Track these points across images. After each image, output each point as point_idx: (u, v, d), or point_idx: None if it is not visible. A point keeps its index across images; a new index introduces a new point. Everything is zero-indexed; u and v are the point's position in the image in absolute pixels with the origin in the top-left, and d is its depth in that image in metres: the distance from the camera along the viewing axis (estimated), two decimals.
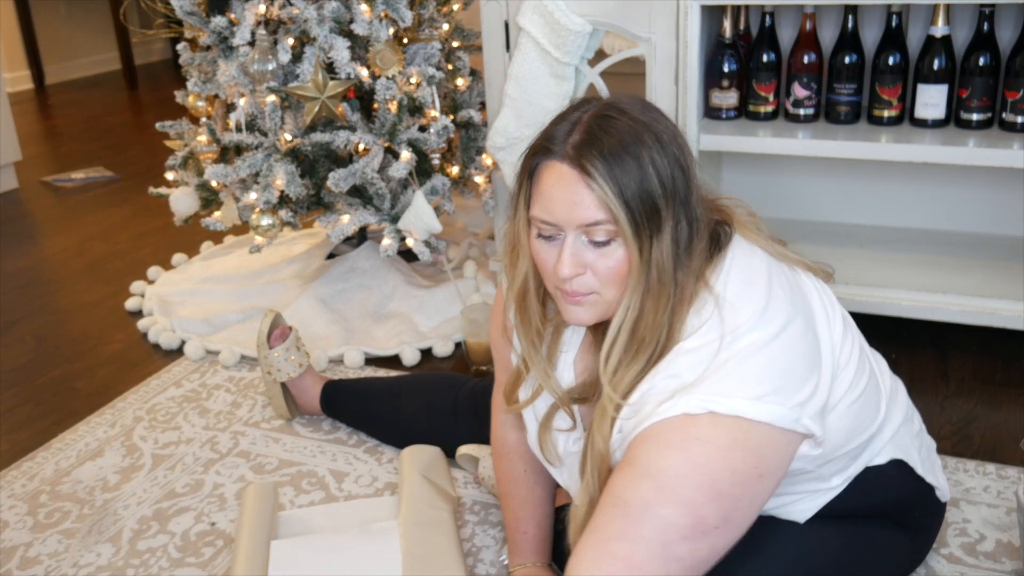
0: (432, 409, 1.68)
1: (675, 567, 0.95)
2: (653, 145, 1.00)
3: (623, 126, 1.00)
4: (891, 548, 1.24)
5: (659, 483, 0.95)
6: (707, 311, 1.02)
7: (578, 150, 1.00)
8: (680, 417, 0.96)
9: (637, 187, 0.99)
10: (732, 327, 1.00)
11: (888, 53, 1.95)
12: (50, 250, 2.93)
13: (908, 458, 1.23)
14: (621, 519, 0.95)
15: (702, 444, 0.95)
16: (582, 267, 1.03)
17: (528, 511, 1.34)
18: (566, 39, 1.95)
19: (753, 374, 0.98)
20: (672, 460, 0.95)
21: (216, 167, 2.11)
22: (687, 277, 1.03)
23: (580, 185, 0.99)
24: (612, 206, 0.98)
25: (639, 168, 0.99)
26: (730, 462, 0.96)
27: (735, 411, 0.96)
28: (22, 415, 1.96)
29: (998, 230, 2.18)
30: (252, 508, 1.49)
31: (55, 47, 5.70)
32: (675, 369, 1.00)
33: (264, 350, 1.79)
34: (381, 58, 2.05)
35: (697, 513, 0.94)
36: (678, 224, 1.02)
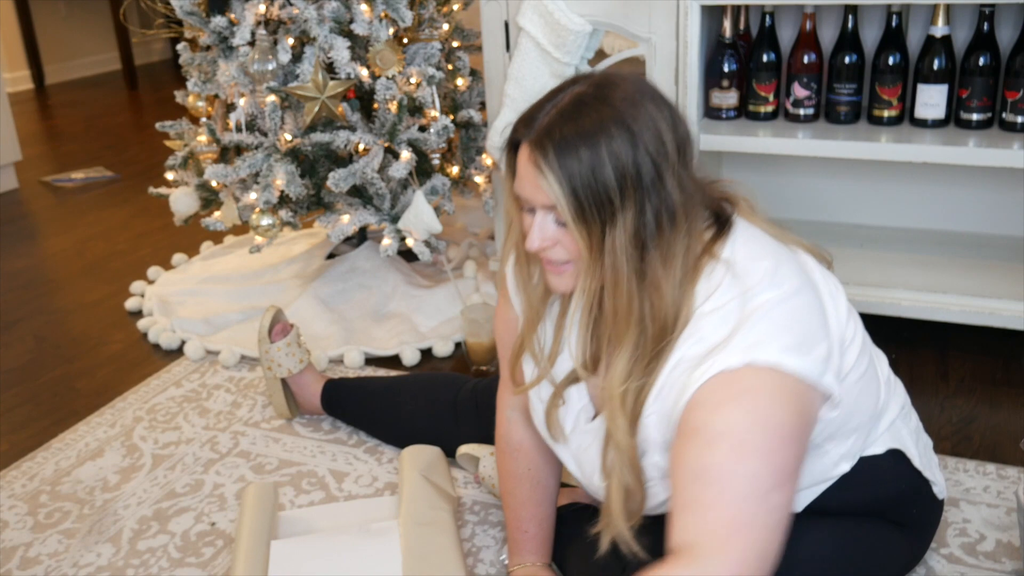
0: (433, 407, 1.68)
1: (776, 516, 0.97)
2: (619, 135, 1.00)
3: (592, 114, 1.01)
4: (888, 547, 1.24)
5: (731, 442, 0.96)
6: (717, 276, 1.05)
7: (540, 137, 1.02)
8: (721, 375, 0.98)
9: (586, 178, 1.00)
10: (747, 286, 1.03)
11: (888, 53, 1.95)
12: (50, 250, 2.93)
13: (906, 450, 1.24)
14: (709, 488, 0.96)
15: (753, 394, 0.97)
16: (550, 241, 1.06)
17: (530, 510, 1.34)
18: (566, 39, 1.95)
19: (777, 328, 1.01)
20: (733, 416, 0.97)
21: (216, 167, 2.11)
22: (657, 263, 1.03)
23: (534, 171, 1.03)
24: (555, 196, 1.01)
25: (593, 159, 1.00)
26: (784, 406, 0.98)
27: (770, 361, 0.98)
28: (22, 415, 1.96)
29: (998, 230, 2.18)
30: (252, 508, 1.49)
31: (55, 47, 5.70)
32: (700, 334, 1.02)
33: (265, 344, 1.79)
34: (381, 58, 2.05)
35: (775, 460, 0.97)
36: (641, 213, 1.01)
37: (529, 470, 1.33)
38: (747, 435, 0.96)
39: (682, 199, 1.04)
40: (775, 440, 0.97)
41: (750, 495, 0.95)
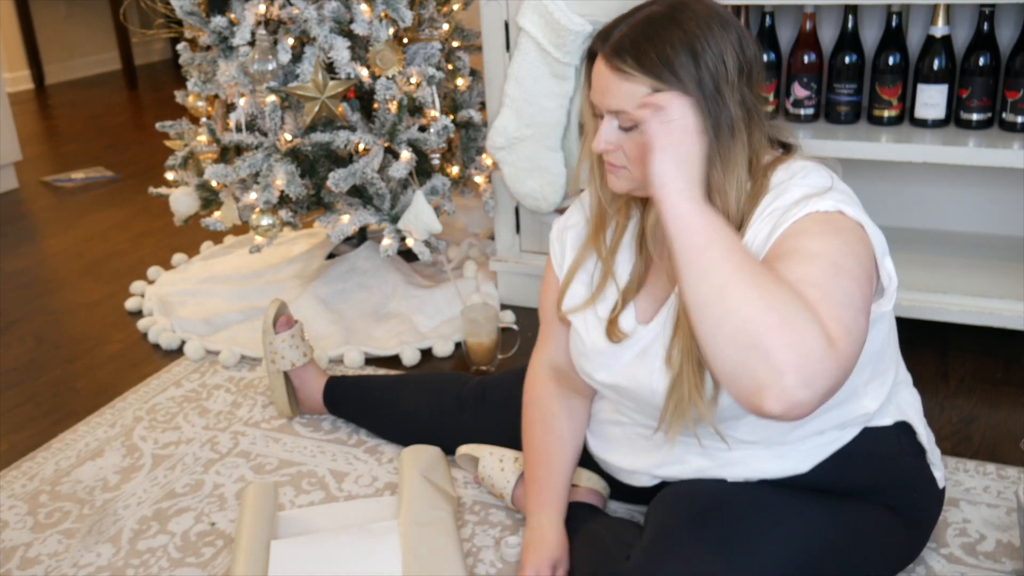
0: (436, 401, 1.68)
1: (863, 322, 1.00)
2: (684, 55, 1.10)
3: (662, 32, 1.12)
4: (887, 534, 1.25)
5: (829, 261, 1.02)
6: (796, 166, 1.17)
7: (615, 47, 1.13)
8: (815, 214, 1.07)
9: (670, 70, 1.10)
10: (828, 174, 1.17)
11: (888, 53, 1.96)
12: (50, 250, 2.93)
13: (913, 423, 1.28)
14: (812, 290, 0.96)
15: (846, 232, 1.06)
16: (612, 145, 1.16)
17: (542, 456, 1.40)
18: (566, 39, 1.95)
19: (858, 205, 1.13)
20: (831, 243, 1.05)
21: (216, 167, 2.11)
22: (718, 169, 1.12)
23: (610, 77, 1.13)
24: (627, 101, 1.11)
25: (667, 68, 1.10)
26: (865, 251, 1.08)
27: (858, 218, 1.09)
28: (22, 415, 1.96)
29: (998, 230, 2.18)
30: (252, 508, 1.49)
31: (55, 47, 5.70)
32: (789, 193, 1.12)
33: (269, 335, 1.79)
34: (381, 58, 2.05)
35: (863, 287, 1.04)
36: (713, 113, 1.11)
37: (544, 418, 1.41)
38: (842, 259, 1.03)
39: (742, 114, 1.13)
40: (862, 271, 1.05)
41: (849, 306, 0.98)
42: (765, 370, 0.90)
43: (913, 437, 1.29)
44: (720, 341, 0.93)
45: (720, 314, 0.93)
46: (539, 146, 2.09)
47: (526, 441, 1.43)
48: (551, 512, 1.37)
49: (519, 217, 2.27)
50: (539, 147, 2.09)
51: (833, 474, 1.21)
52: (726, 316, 0.93)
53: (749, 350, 0.91)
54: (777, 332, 0.90)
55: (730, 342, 0.92)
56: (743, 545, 1.14)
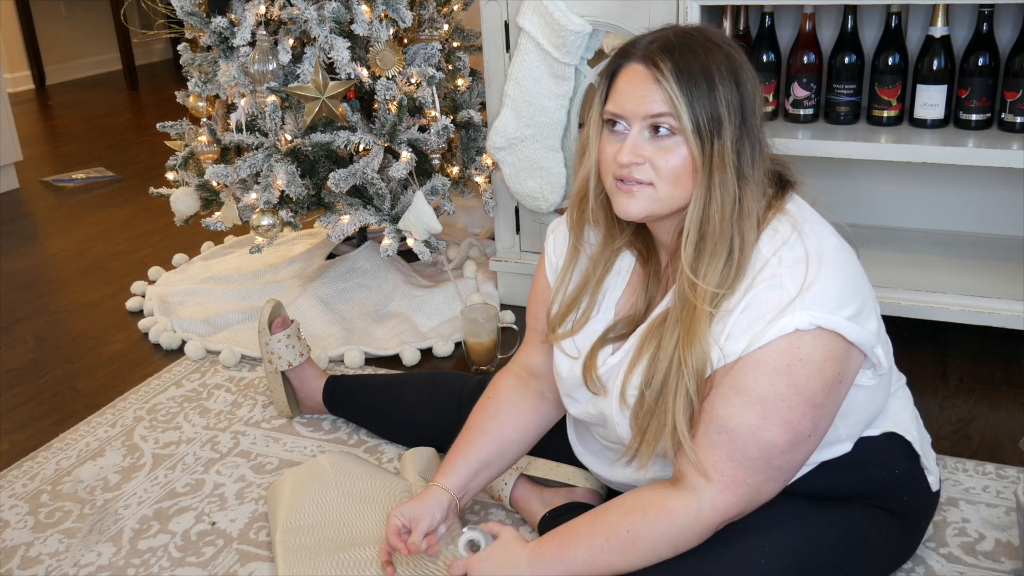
0: (436, 399, 1.68)
1: (775, 476, 1.12)
2: (725, 68, 1.10)
3: (702, 47, 1.11)
4: (879, 534, 1.25)
5: (765, 408, 1.08)
6: (785, 229, 1.13)
7: (654, 53, 1.11)
8: (791, 335, 1.07)
9: (703, 93, 1.09)
10: (815, 246, 1.12)
11: (887, 53, 1.96)
12: (51, 250, 2.93)
13: (905, 432, 1.27)
14: (729, 444, 1.09)
15: (803, 364, 1.08)
16: (640, 158, 1.12)
17: (468, 433, 1.37)
18: (566, 39, 1.95)
19: (845, 294, 1.10)
20: (777, 385, 1.08)
21: (217, 167, 2.11)
22: (749, 189, 1.11)
23: (650, 80, 1.10)
24: (676, 102, 1.09)
25: (706, 79, 1.09)
26: (823, 374, 1.09)
27: (836, 327, 1.08)
28: (23, 415, 1.96)
29: (998, 230, 2.18)
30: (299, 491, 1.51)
31: (56, 47, 5.71)
32: (776, 280, 1.10)
33: (265, 336, 1.79)
34: (381, 58, 2.05)
35: (795, 429, 1.09)
36: (739, 140, 1.10)
37: (488, 403, 1.39)
38: (780, 405, 1.08)
39: (763, 142, 1.15)
40: (803, 411, 1.09)
41: (759, 458, 1.10)
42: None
43: (905, 445, 1.28)
44: None
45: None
46: (539, 146, 2.09)
47: (467, 420, 1.40)
48: (446, 482, 1.32)
49: (519, 217, 2.27)
50: (539, 147, 2.09)
51: (824, 482, 1.21)
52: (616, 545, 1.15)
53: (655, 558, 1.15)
54: (661, 538, 1.14)
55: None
56: (738, 550, 1.14)
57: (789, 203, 1.17)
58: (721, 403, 1.10)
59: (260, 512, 1.59)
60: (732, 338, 1.10)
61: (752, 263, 1.12)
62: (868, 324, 1.12)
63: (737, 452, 1.09)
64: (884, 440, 1.26)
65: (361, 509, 1.47)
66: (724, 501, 1.11)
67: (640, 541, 1.14)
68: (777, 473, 1.12)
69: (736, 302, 1.11)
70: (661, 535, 1.13)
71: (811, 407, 1.09)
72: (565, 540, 1.18)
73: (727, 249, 1.11)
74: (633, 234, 1.26)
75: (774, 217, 1.14)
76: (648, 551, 1.14)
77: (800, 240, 1.12)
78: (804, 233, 1.13)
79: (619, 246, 1.27)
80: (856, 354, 1.13)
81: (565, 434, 1.47)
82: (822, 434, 1.14)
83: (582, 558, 1.16)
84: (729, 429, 1.09)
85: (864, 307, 1.13)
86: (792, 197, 1.19)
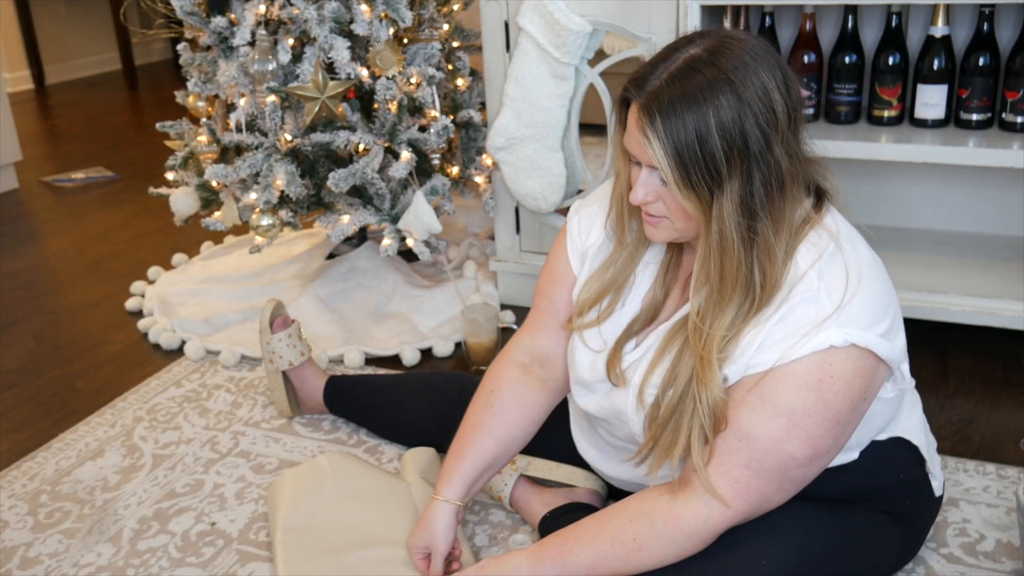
0: (437, 400, 1.68)
1: (787, 487, 1.12)
2: (727, 104, 1.03)
3: (702, 81, 1.04)
4: (881, 537, 1.25)
5: (790, 422, 1.07)
6: (824, 242, 1.11)
7: (648, 101, 1.06)
8: (826, 351, 1.06)
9: (692, 145, 1.04)
10: (853, 261, 1.11)
11: (888, 53, 1.96)
12: (50, 250, 2.93)
13: (913, 437, 1.27)
14: (748, 452, 1.09)
15: (834, 381, 1.07)
16: (653, 196, 1.11)
17: (467, 432, 1.34)
18: (566, 39, 1.95)
19: (879, 310, 1.10)
20: (806, 400, 1.07)
21: (216, 167, 2.11)
22: (769, 229, 1.08)
23: (640, 137, 1.07)
24: (659, 162, 1.06)
25: (700, 126, 1.03)
26: (851, 392, 1.08)
27: (870, 345, 1.08)
28: (22, 415, 1.96)
29: (998, 230, 2.18)
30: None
31: (55, 47, 5.70)
32: (812, 293, 1.08)
33: (267, 335, 1.79)
34: (381, 58, 2.05)
35: (817, 444, 1.09)
36: (749, 181, 1.06)
37: (490, 396, 1.36)
38: (806, 420, 1.07)
39: (790, 166, 1.08)
40: (827, 428, 1.08)
41: (776, 470, 1.09)
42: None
43: (912, 450, 1.28)
44: None
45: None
46: (539, 146, 2.09)
47: (466, 413, 1.38)
48: (451, 492, 1.31)
49: (519, 217, 2.27)
50: (539, 147, 2.09)
51: (828, 485, 1.21)
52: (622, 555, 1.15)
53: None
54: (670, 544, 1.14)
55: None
56: (740, 551, 1.14)
57: (827, 216, 1.15)
58: (746, 411, 1.09)
59: (260, 512, 1.59)
60: (764, 348, 1.09)
61: (789, 277, 1.10)
62: (898, 341, 1.13)
63: (755, 461, 1.09)
64: (892, 445, 1.26)
65: (361, 509, 1.46)
66: (736, 506, 1.11)
67: (646, 549, 1.13)
68: (790, 485, 1.12)
69: (771, 312, 1.09)
70: (668, 542, 1.13)
71: (835, 424, 1.09)
72: (567, 544, 1.18)
73: (742, 292, 1.09)
74: None
75: (812, 230, 1.12)
76: (655, 558, 1.14)
77: (839, 253, 1.11)
78: (843, 247, 1.12)
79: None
80: (883, 370, 1.13)
81: (565, 433, 1.47)
82: (840, 449, 1.14)
83: (585, 563, 1.16)
84: (751, 438, 1.08)
85: (894, 323, 1.13)
86: (829, 210, 1.16)
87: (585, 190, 2.16)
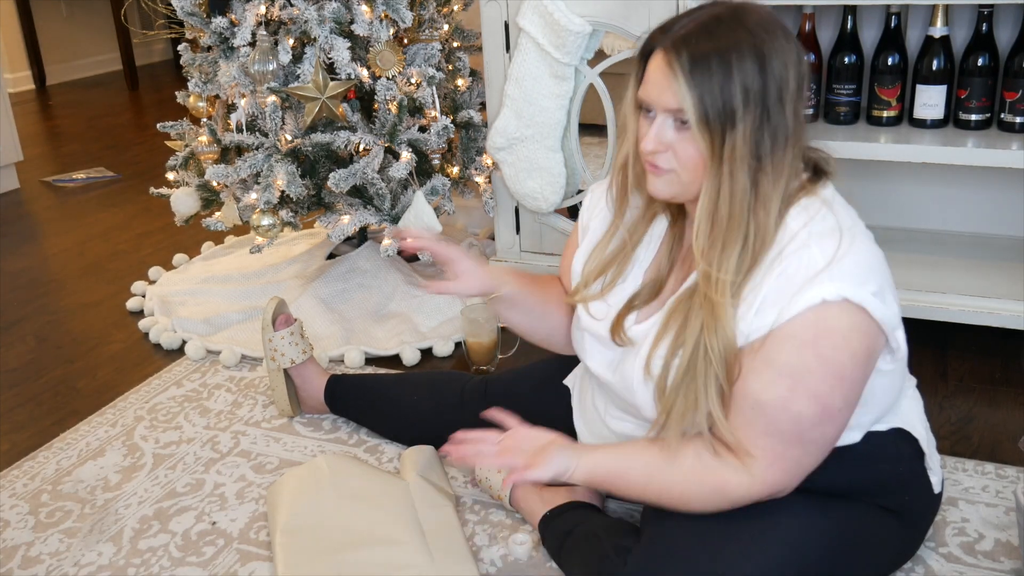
0: (438, 399, 1.68)
1: (812, 449, 1.14)
2: (750, 56, 1.09)
3: (728, 33, 1.10)
4: (879, 533, 1.25)
5: (793, 381, 1.10)
6: (815, 206, 1.15)
7: (675, 44, 1.11)
8: (818, 306, 1.08)
9: (714, 89, 1.09)
10: (846, 222, 1.15)
11: (887, 54, 1.96)
12: (51, 250, 2.94)
13: (912, 429, 1.28)
14: (763, 419, 1.12)
15: (830, 334, 1.09)
16: (663, 146, 1.14)
17: (539, 277, 1.49)
18: (566, 39, 1.96)
19: (871, 270, 1.13)
20: (805, 357, 1.09)
21: (217, 167, 2.11)
22: (768, 178, 1.12)
23: (665, 74, 1.12)
24: (683, 98, 1.10)
25: (723, 72, 1.09)
26: (850, 346, 1.10)
27: (862, 301, 1.09)
28: (23, 415, 1.96)
29: (998, 230, 2.18)
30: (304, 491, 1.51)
31: (56, 48, 5.71)
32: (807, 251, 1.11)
33: (269, 332, 1.79)
34: (381, 59, 2.06)
35: (824, 402, 1.11)
36: (760, 127, 1.10)
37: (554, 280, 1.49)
38: (808, 377, 1.09)
39: (795, 127, 1.13)
40: (832, 384, 1.10)
41: (791, 431, 1.12)
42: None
43: (912, 443, 1.29)
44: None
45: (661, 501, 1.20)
46: (539, 146, 2.09)
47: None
48: (507, 276, 1.44)
49: (519, 217, 2.27)
50: (539, 147, 2.09)
51: (828, 475, 1.21)
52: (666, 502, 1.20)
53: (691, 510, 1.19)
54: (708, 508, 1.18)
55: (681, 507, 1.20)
56: (740, 549, 1.15)
57: (823, 190, 1.19)
58: (752, 378, 1.12)
59: (260, 512, 1.59)
60: (761, 312, 1.12)
61: (779, 237, 1.13)
62: (891, 304, 1.15)
63: (771, 427, 1.12)
64: (892, 435, 1.27)
65: (359, 509, 1.47)
66: (772, 477, 1.14)
67: (691, 504, 1.19)
68: (812, 447, 1.14)
69: (764, 275, 1.12)
70: (711, 504, 1.17)
71: (839, 379, 1.10)
72: (618, 478, 1.23)
73: (741, 237, 1.12)
74: None
75: (804, 197, 1.16)
76: (693, 510, 1.19)
77: (831, 215, 1.15)
78: (835, 210, 1.16)
79: (656, 210, 1.29)
80: (879, 334, 1.14)
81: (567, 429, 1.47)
82: (852, 408, 1.15)
83: (628, 494, 1.24)
84: (761, 404, 1.11)
85: (886, 286, 1.15)
86: (826, 185, 1.20)
87: (585, 190, 2.16)
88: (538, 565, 1.42)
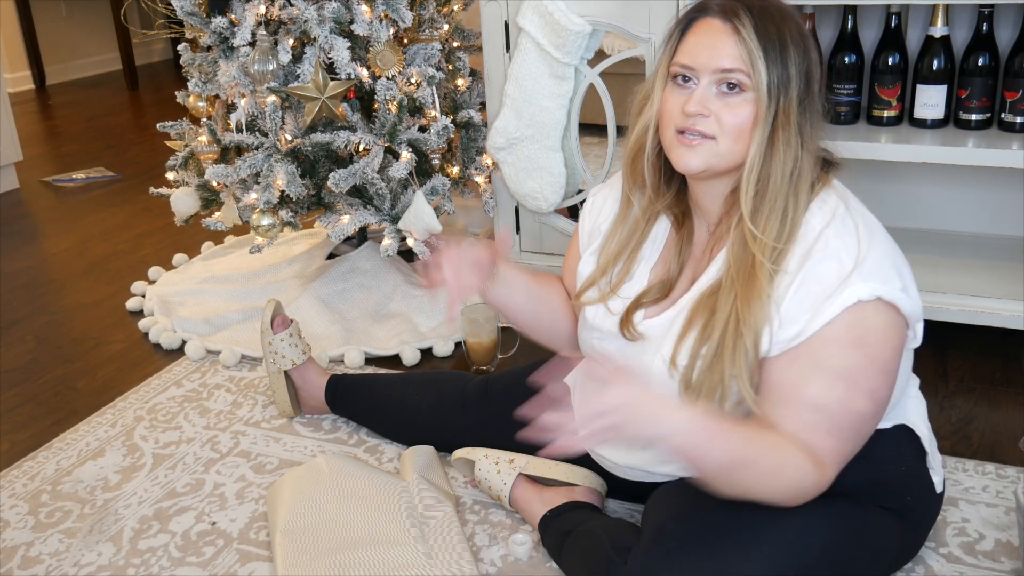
0: (439, 399, 1.68)
1: (860, 441, 1.17)
2: (796, 35, 1.15)
3: (776, 13, 1.15)
4: (880, 533, 1.25)
5: (849, 381, 1.12)
6: (833, 201, 1.18)
7: (732, 8, 1.14)
8: (854, 306, 1.11)
9: (776, 53, 1.13)
10: (862, 218, 1.18)
11: (887, 53, 1.96)
12: (51, 250, 2.93)
13: (915, 427, 1.29)
14: (826, 422, 1.13)
15: (872, 333, 1.12)
16: (707, 110, 1.15)
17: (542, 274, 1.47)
18: (566, 39, 1.95)
19: (895, 266, 1.16)
20: (855, 358, 1.12)
21: (217, 167, 2.11)
22: (807, 154, 1.16)
23: (727, 34, 1.13)
24: (754, 56, 1.12)
25: (780, 41, 1.13)
26: (891, 341, 1.14)
27: (894, 299, 1.13)
28: (23, 415, 1.96)
29: (997, 230, 2.18)
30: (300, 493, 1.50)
31: (56, 47, 5.71)
32: (830, 251, 1.13)
33: (268, 335, 1.79)
34: (381, 58, 2.06)
35: (877, 396, 1.15)
36: (804, 102, 1.15)
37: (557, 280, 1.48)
38: (860, 377, 1.12)
39: (822, 114, 1.18)
40: (882, 378, 1.14)
41: (852, 429, 1.14)
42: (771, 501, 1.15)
43: (914, 441, 1.29)
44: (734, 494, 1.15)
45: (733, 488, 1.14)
46: (539, 146, 2.09)
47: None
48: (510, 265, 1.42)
49: (519, 217, 2.27)
50: (539, 147, 2.09)
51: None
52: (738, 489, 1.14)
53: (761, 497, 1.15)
54: (779, 496, 1.14)
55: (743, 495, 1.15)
56: (740, 548, 1.14)
57: (835, 179, 1.22)
58: (804, 384, 1.13)
59: (260, 512, 1.59)
60: (790, 314, 1.13)
61: (804, 234, 1.15)
62: (915, 297, 1.17)
63: (834, 428, 1.13)
64: (894, 433, 1.28)
65: (359, 510, 1.47)
66: (833, 472, 1.16)
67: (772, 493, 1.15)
68: (862, 440, 1.18)
69: (792, 275, 1.13)
70: (779, 496, 1.15)
71: (886, 373, 1.14)
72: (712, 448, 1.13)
73: (783, 208, 1.14)
74: (674, 197, 1.29)
75: (823, 189, 1.19)
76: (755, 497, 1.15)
77: (848, 213, 1.17)
78: (851, 206, 1.18)
79: (659, 209, 1.30)
80: (905, 327, 1.17)
81: None
82: (891, 395, 1.19)
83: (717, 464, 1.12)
84: (821, 408, 1.12)
85: (909, 282, 1.18)
86: (836, 174, 1.24)
87: (585, 190, 2.16)
88: (538, 565, 1.42)
